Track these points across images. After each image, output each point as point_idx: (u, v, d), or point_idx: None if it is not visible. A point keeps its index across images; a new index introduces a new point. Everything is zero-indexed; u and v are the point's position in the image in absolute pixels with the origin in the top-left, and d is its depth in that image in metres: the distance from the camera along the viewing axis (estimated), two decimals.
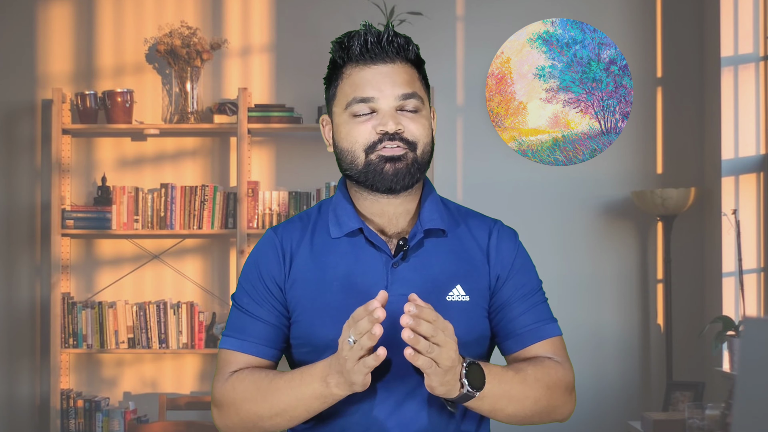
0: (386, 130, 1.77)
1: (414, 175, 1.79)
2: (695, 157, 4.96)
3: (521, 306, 1.84)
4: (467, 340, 1.78)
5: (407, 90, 1.80)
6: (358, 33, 1.81)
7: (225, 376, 1.82)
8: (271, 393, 1.75)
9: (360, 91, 1.79)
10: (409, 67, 1.82)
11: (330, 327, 1.76)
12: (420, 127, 1.80)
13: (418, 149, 1.80)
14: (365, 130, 1.79)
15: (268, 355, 1.83)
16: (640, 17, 5.03)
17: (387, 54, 1.80)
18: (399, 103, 1.79)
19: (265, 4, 5.12)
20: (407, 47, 1.82)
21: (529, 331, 1.84)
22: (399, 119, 1.79)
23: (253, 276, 1.85)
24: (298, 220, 1.89)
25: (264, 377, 1.78)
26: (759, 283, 4.51)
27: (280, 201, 4.93)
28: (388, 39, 1.80)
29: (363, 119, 1.79)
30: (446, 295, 1.79)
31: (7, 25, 5.13)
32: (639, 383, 4.97)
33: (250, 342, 1.82)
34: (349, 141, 1.80)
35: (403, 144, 1.78)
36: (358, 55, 1.80)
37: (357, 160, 1.80)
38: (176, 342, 4.90)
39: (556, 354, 1.84)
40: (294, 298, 1.81)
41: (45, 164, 5.07)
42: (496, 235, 1.87)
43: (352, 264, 1.80)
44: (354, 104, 1.79)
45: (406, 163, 1.78)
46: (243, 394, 1.78)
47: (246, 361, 1.82)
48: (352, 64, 1.81)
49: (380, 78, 1.79)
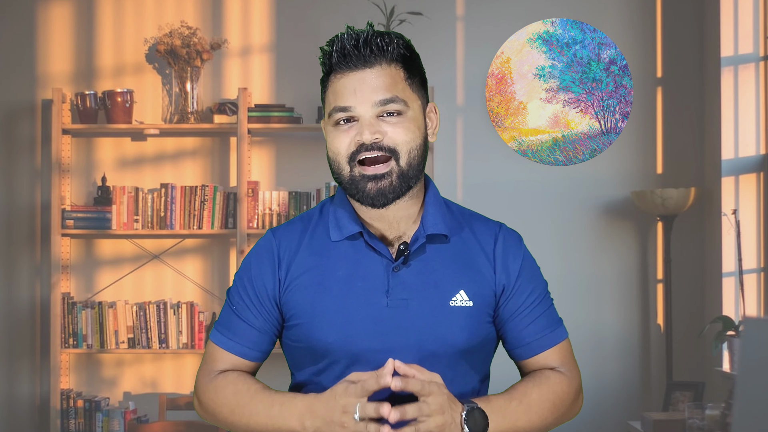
0: (363, 141, 1.74)
1: (399, 189, 1.76)
2: (695, 157, 4.96)
3: (528, 316, 1.84)
4: (471, 346, 1.79)
5: (386, 95, 1.75)
6: (338, 38, 1.78)
7: (211, 374, 1.84)
8: (248, 412, 1.78)
9: (339, 99, 1.77)
10: (391, 68, 1.77)
11: (329, 331, 1.76)
12: (402, 131, 1.76)
13: (402, 157, 1.76)
14: (345, 141, 1.76)
15: (253, 357, 1.85)
16: (640, 17, 5.03)
17: (365, 58, 1.75)
18: (378, 110, 1.75)
19: (265, 4, 5.12)
20: (387, 47, 1.76)
21: (536, 340, 1.85)
22: (378, 127, 1.75)
23: (245, 278, 1.85)
24: (299, 222, 1.88)
25: (245, 391, 1.79)
26: (759, 283, 4.51)
27: (280, 201, 4.93)
28: (366, 41, 1.75)
29: (344, 128, 1.77)
30: (449, 300, 1.78)
31: (7, 25, 5.13)
32: (639, 383, 4.96)
33: (235, 342, 1.84)
34: (333, 151, 1.78)
35: (384, 152, 1.75)
36: (337, 63, 1.76)
37: (342, 171, 1.78)
38: (176, 342, 4.90)
39: (563, 360, 1.86)
40: (292, 302, 1.81)
41: (45, 164, 5.07)
42: (502, 240, 1.86)
43: (352, 268, 1.79)
44: (334, 113, 1.77)
45: (390, 180, 1.75)
46: (222, 402, 1.81)
47: (231, 361, 1.84)
48: (333, 73, 1.78)
49: (358, 85, 1.75)
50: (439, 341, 1.76)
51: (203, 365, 1.86)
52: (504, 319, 1.84)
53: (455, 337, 1.77)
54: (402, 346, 1.75)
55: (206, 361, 1.86)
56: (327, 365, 1.78)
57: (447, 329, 1.76)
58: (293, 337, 1.82)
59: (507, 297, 1.83)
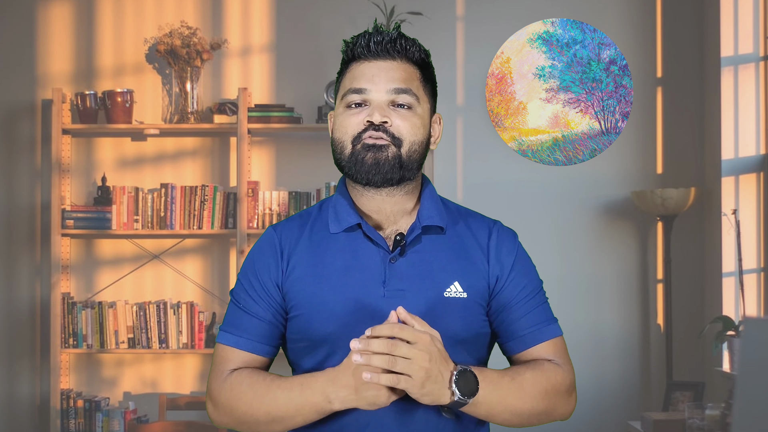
0: (371, 120, 1.79)
1: (395, 170, 1.80)
2: (695, 157, 4.96)
3: (522, 308, 1.85)
4: (465, 337, 1.80)
5: (401, 85, 1.82)
6: (367, 32, 1.85)
7: (223, 374, 1.83)
8: (268, 400, 1.77)
9: (355, 82, 1.83)
10: (410, 66, 1.84)
11: (327, 322, 1.78)
12: (409, 125, 1.82)
13: (404, 146, 1.81)
14: (355, 121, 1.82)
15: (264, 352, 1.84)
16: (640, 17, 5.03)
17: (388, 51, 1.83)
18: (391, 97, 1.82)
19: (265, 4, 5.12)
20: (411, 48, 1.84)
21: (530, 333, 1.85)
22: (388, 113, 1.81)
23: (250, 273, 1.86)
24: (298, 218, 1.90)
25: (261, 381, 1.79)
26: (759, 283, 4.51)
27: (280, 201, 4.93)
28: (392, 39, 1.83)
29: (355, 111, 1.83)
30: (444, 291, 1.80)
31: (7, 25, 5.13)
32: (639, 383, 4.97)
33: (246, 339, 1.84)
34: (341, 131, 1.83)
35: (387, 136, 1.80)
36: (361, 52, 1.83)
37: (345, 150, 1.82)
38: (176, 342, 4.90)
39: (556, 355, 1.86)
40: (292, 294, 1.82)
41: (45, 164, 5.07)
42: (496, 235, 1.88)
43: (350, 259, 1.81)
44: (348, 95, 1.83)
45: (387, 155, 1.80)
46: (240, 397, 1.79)
47: (242, 359, 1.83)
48: (355, 61, 1.85)
49: (376, 71, 1.82)
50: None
51: (214, 369, 1.85)
52: (497, 309, 1.85)
53: (450, 327, 1.78)
54: None
55: (216, 363, 1.86)
56: (326, 356, 1.79)
57: (442, 319, 1.77)
58: (293, 329, 1.83)
59: (500, 288, 1.85)
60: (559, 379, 1.83)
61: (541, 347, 1.85)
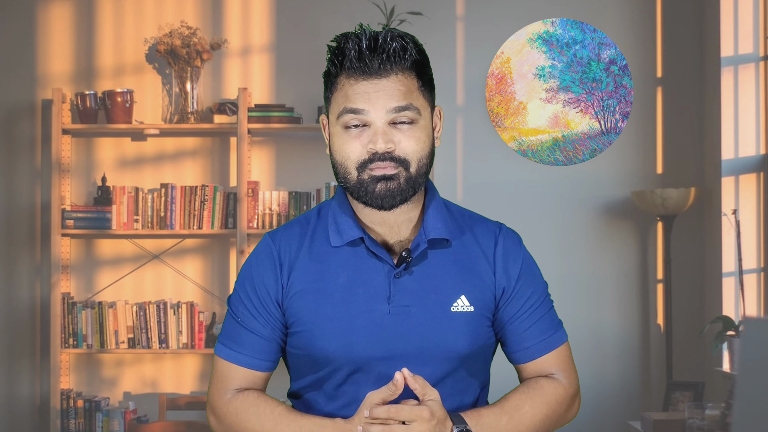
0: (376, 150, 1.72)
1: (406, 193, 1.75)
2: (695, 157, 4.96)
3: (528, 320, 1.83)
4: (471, 351, 1.78)
5: (401, 102, 1.73)
6: (351, 38, 1.74)
7: (227, 393, 1.82)
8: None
9: (350, 102, 1.73)
10: (406, 76, 1.74)
11: (331, 339, 1.75)
12: (414, 142, 1.74)
13: (412, 166, 1.74)
14: (356, 147, 1.74)
15: (263, 367, 1.82)
16: (640, 17, 5.03)
17: (381, 66, 1.72)
18: (392, 117, 1.73)
19: (265, 4, 5.12)
20: (404, 53, 1.73)
21: (536, 344, 1.84)
22: (391, 135, 1.73)
23: (248, 286, 1.82)
24: (297, 225, 1.84)
25: (269, 414, 1.77)
26: (759, 283, 4.51)
27: (280, 201, 4.93)
28: (383, 47, 1.72)
29: (355, 133, 1.74)
30: (450, 306, 1.77)
31: (7, 25, 5.13)
32: (639, 383, 4.97)
33: (245, 355, 1.81)
34: (342, 156, 1.75)
35: (394, 163, 1.73)
36: (350, 67, 1.73)
37: (349, 176, 1.75)
38: (176, 342, 4.90)
39: (561, 366, 1.85)
40: (294, 309, 1.78)
41: (45, 164, 5.07)
42: (502, 242, 1.84)
43: (353, 274, 1.77)
44: (344, 114, 1.74)
45: (398, 182, 1.73)
46: (245, 425, 1.78)
47: (243, 376, 1.81)
48: (344, 75, 1.75)
49: (372, 90, 1.72)
50: (440, 347, 1.75)
51: (215, 383, 1.83)
52: (503, 322, 1.83)
53: (457, 343, 1.76)
54: (404, 353, 1.74)
55: (218, 378, 1.83)
56: (329, 373, 1.77)
57: (448, 335, 1.76)
58: (294, 345, 1.80)
59: (507, 300, 1.82)
60: (559, 399, 1.82)
61: (546, 358, 1.84)
